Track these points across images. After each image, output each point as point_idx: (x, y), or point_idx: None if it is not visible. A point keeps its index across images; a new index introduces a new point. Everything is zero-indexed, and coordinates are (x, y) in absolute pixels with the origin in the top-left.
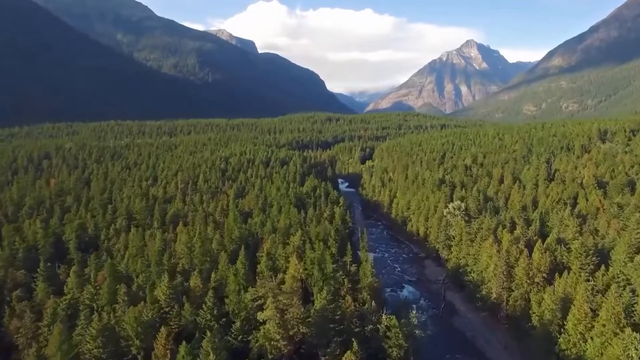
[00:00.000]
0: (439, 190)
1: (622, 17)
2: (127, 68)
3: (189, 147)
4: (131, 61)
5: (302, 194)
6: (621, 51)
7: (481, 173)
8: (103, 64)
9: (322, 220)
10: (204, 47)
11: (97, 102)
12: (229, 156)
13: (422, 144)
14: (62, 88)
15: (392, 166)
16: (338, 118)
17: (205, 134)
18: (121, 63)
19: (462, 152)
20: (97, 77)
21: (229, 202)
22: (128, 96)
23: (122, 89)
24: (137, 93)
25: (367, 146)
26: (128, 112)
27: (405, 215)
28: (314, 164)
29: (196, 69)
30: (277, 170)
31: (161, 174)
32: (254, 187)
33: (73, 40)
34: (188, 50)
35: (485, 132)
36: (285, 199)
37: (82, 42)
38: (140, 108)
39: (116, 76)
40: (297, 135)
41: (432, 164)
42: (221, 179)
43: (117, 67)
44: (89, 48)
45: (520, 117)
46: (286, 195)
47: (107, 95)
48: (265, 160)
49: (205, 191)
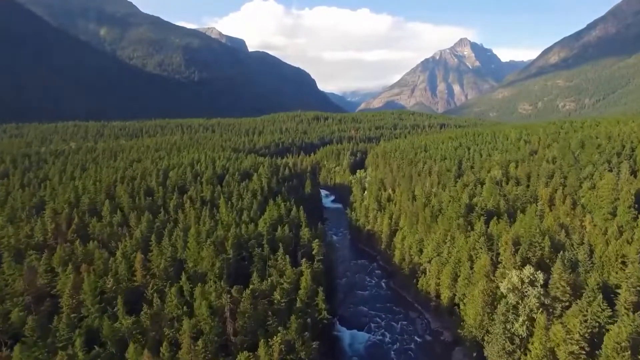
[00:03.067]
0: (468, 224)
1: (621, 13)
2: (108, 66)
3: (139, 152)
4: (113, 59)
5: (250, 239)
6: (620, 48)
7: (521, 193)
8: (80, 61)
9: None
10: (191, 44)
11: (68, 102)
12: (171, 168)
13: (428, 147)
14: (29, 86)
15: (390, 178)
16: (326, 117)
17: (173, 136)
18: (101, 60)
19: (483, 160)
20: (72, 75)
21: (115, 265)
22: (106, 95)
23: (100, 87)
24: (116, 92)
25: (359, 149)
26: (105, 112)
27: (415, 262)
28: (289, 176)
29: (182, 67)
30: (233, 188)
31: (57, 197)
32: (177, 225)
33: (47, 35)
34: (174, 48)
35: (504, 133)
36: (215, 264)
37: (58, 38)
38: (119, 107)
39: (94, 74)
40: (278, 137)
41: (446, 176)
42: (135, 211)
43: (96, 65)
44: (65, 44)
45: (515, 116)
46: (219, 249)
47: (82, 94)
48: (221, 173)
49: (99, 232)
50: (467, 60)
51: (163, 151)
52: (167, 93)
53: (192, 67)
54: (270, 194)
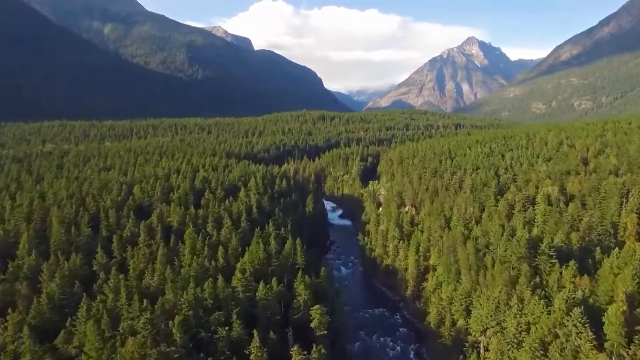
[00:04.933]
0: (535, 271)
1: (636, 9)
2: (110, 64)
3: (114, 158)
4: (115, 57)
5: (214, 310)
6: (635, 44)
7: (596, 221)
8: (82, 59)
9: None
10: (195, 42)
11: (68, 101)
12: (138, 181)
13: (453, 153)
14: (29, 85)
15: (410, 192)
16: (333, 117)
17: (164, 137)
18: (104, 59)
19: (527, 171)
20: (73, 74)
21: None
22: (108, 94)
23: (101, 86)
24: (118, 90)
25: (369, 153)
26: (104, 111)
27: (460, 327)
28: (287, 189)
29: (185, 65)
30: (210, 211)
31: None
32: (107, 283)
33: (49, 33)
34: (177, 46)
35: (540, 135)
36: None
37: (60, 36)
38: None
39: (96, 73)
40: (279, 139)
41: (483, 193)
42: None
43: (98, 63)
44: (68, 42)
45: (528, 116)
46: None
47: (83, 93)
48: (202, 187)
49: None
50: (475, 59)
51: (144, 156)
52: (169, 91)
53: (196, 66)
54: (261, 216)
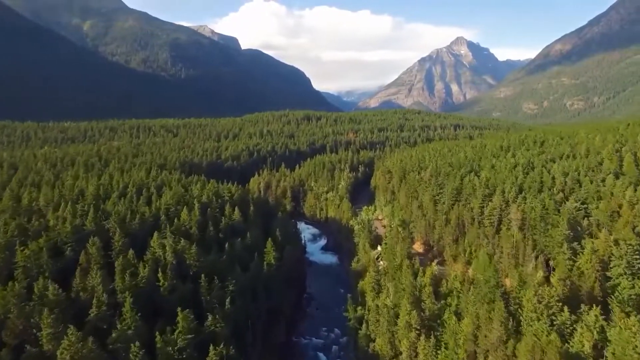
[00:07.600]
0: None
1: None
2: (87, 62)
3: (26, 170)
4: (93, 54)
5: None
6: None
7: None
8: (55, 57)
9: None
10: (178, 40)
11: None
12: (24, 211)
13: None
14: None
15: (423, 224)
16: (319, 117)
17: (120, 140)
18: (80, 56)
19: (596, 192)
20: (42, 72)
21: None
22: (82, 93)
23: (75, 85)
24: (95, 90)
25: (360, 161)
26: (78, 112)
27: None
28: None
29: (168, 64)
30: (121, 269)
31: None
32: None
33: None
34: (160, 44)
35: (578, 139)
36: None
37: (31, 32)
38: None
39: (70, 71)
40: (254, 143)
41: (544, 232)
42: None
43: (73, 61)
44: (40, 39)
45: (520, 116)
46: None
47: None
48: (90, 228)
49: None
50: (464, 59)
51: (70, 170)
52: (151, 91)
53: (179, 64)
54: (182, 283)
